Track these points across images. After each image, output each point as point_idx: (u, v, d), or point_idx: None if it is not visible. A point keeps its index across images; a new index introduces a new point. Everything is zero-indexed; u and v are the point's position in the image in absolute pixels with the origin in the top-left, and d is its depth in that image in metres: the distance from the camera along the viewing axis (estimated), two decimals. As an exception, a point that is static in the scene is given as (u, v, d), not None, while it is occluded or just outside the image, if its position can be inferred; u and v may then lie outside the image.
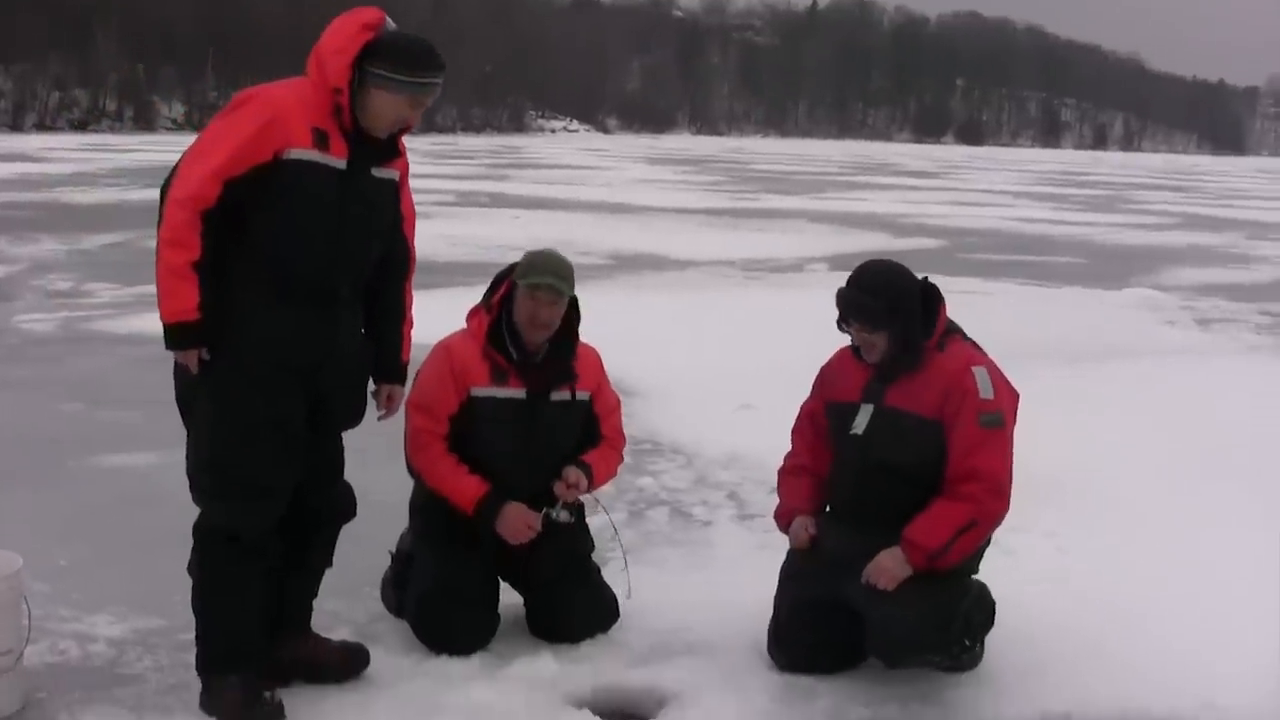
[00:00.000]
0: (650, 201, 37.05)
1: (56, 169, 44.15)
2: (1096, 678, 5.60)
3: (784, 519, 5.88)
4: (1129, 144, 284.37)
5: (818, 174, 63.79)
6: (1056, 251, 26.51)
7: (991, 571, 5.90)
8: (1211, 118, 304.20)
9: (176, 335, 4.79)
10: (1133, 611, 6.33)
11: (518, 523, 5.71)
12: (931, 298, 5.56)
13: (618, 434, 6.11)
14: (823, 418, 5.80)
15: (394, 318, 5.37)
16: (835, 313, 5.55)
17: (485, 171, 51.70)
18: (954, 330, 5.61)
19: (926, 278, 5.68)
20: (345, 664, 5.43)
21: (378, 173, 5.03)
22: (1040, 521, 7.68)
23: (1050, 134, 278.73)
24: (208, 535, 5.03)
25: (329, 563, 5.51)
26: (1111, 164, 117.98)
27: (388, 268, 5.27)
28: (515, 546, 5.77)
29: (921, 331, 5.48)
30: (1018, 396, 5.61)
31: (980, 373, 5.43)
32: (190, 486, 5.07)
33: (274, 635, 5.26)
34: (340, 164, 4.89)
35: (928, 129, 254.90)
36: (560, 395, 5.84)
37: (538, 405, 5.79)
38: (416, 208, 5.43)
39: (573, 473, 5.81)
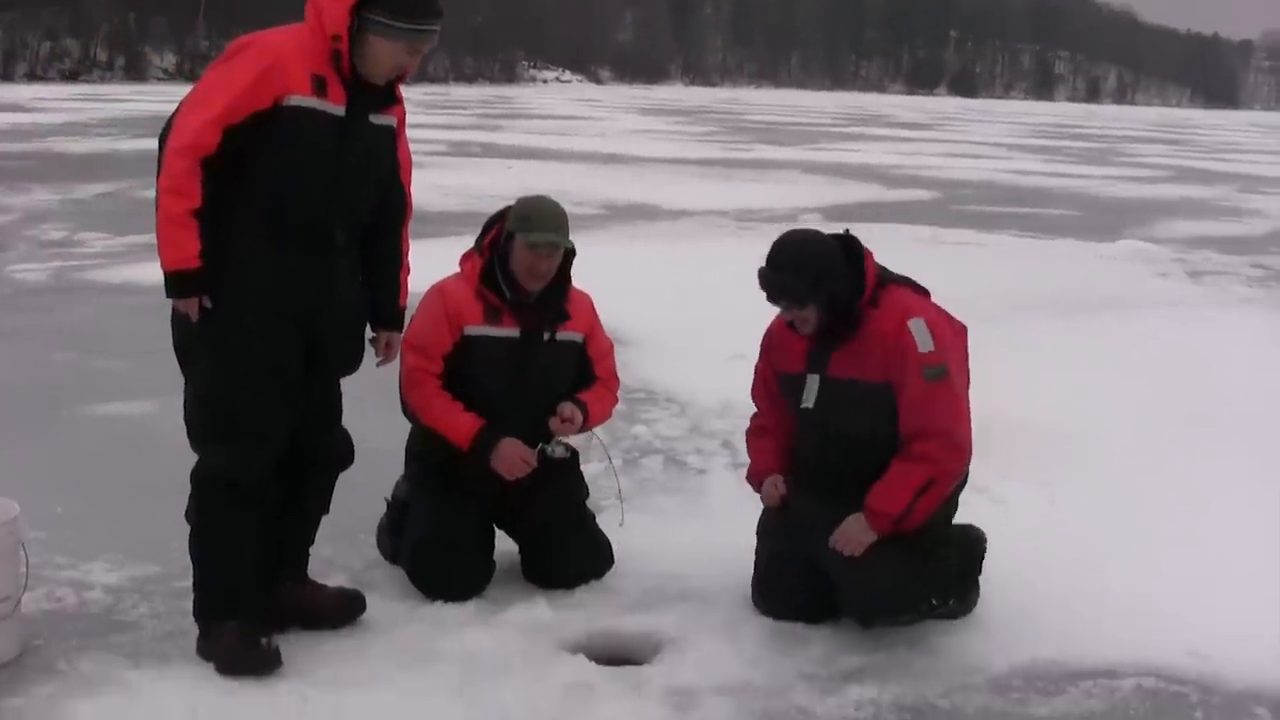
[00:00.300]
0: (643, 152, 36.95)
1: (48, 119, 43.96)
2: (1087, 626, 5.62)
3: (755, 479, 5.88)
4: (1122, 97, 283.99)
5: (811, 125, 63.61)
6: (1050, 204, 26.45)
7: (983, 521, 5.97)
8: (1205, 71, 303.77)
9: (177, 283, 4.80)
10: (1125, 560, 6.36)
11: (513, 457, 5.72)
12: (855, 253, 5.47)
13: (612, 376, 6.12)
14: (774, 384, 5.77)
15: (392, 265, 5.37)
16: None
17: (478, 122, 51.53)
18: (886, 279, 5.51)
19: (847, 230, 5.61)
20: (341, 610, 5.45)
21: (375, 119, 5.03)
22: (1032, 471, 7.73)
23: (1044, 87, 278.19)
24: (205, 481, 5.05)
25: (326, 510, 5.53)
26: (1105, 117, 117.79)
27: (385, 215, 5.28)
28: (510, 492, 5.79)
29: (851, 294, 5.39)
30: (963, 332, 5.56)
31: (917, 325, 5.33)
32: (188, 433, 5.09)
33: (271, 582, 5.29)
34: (339, 111, 4.89)
35: (921, 81, 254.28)
36: (553, 335, 5.85)
37: (531, 344, 5.80)
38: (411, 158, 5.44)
39: (568, 408, 5.83)
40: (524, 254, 5.67)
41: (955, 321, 5.56)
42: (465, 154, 32.90)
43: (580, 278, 5.93)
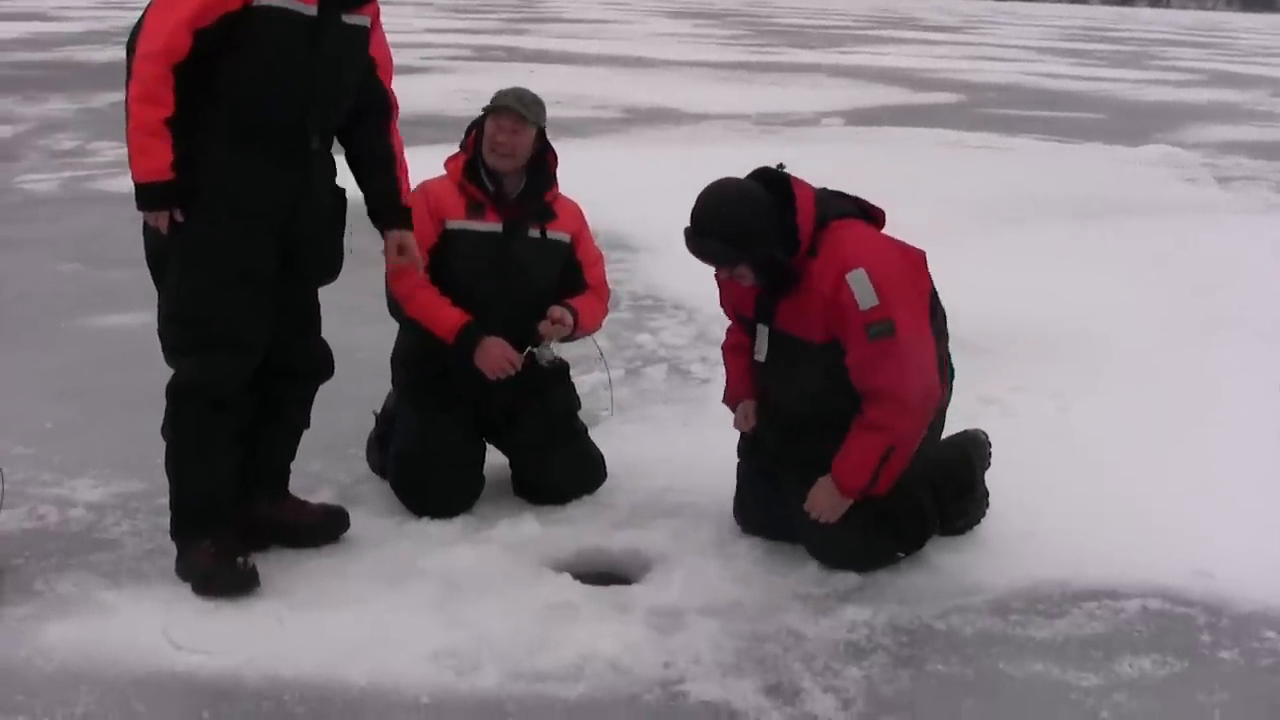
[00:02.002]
0: (668, 55, 36.60)
1: (69, 27, 43.71)
2: (1091, 545, 5.48)
3: (730, 401, 5.69)
4: (1157, 0, 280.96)
5: (839, 28, 63.00)
6: (1077, 107, 26.16)
7: (992, 433, 5.81)
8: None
9: (149, 195, 4.67)
10: (1134, 476, 6.21)
11: (499, 356, 5.57)
12: (787, 198, 5.12)
13: (602, 284, 5.99)
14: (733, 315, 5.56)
15: (386, 164, 5.21)
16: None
17: (503, 26, 51.11)
18: (827, 217, 5.13)
19: (781, 165, 5.25)
20: (324, 527, 5.35)
21: (348, 19, 4.86)
22: (1044, 381, 7.61)
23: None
24: (180, 394, 4.95)
25: (306, 423, 5.41)
26: (1139, 20, 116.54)
27: (368, 116, 5.12)
28: (497, 400, 5.69)
29: (783, 249, 5.06)
30: (920, 262, 5.21)
31: (856, 278, 4.94)
32: (161, 346, 5.00)
33: (250, 498, 5.19)
34: (310, 10, 4.72)
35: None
36: (541, 231, 5.74)
37: (514, 238, 5.68)
38: (432, 63, 5.33)
39: (557, 310, 5.69)
40: (489, 127, 5.63)
41: (909, 253, 5.21)
42: (489, 58, 32.57)
43: (595, 181, 5.81)
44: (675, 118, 21.34)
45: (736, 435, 5.71)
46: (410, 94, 7.06)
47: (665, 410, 7.18)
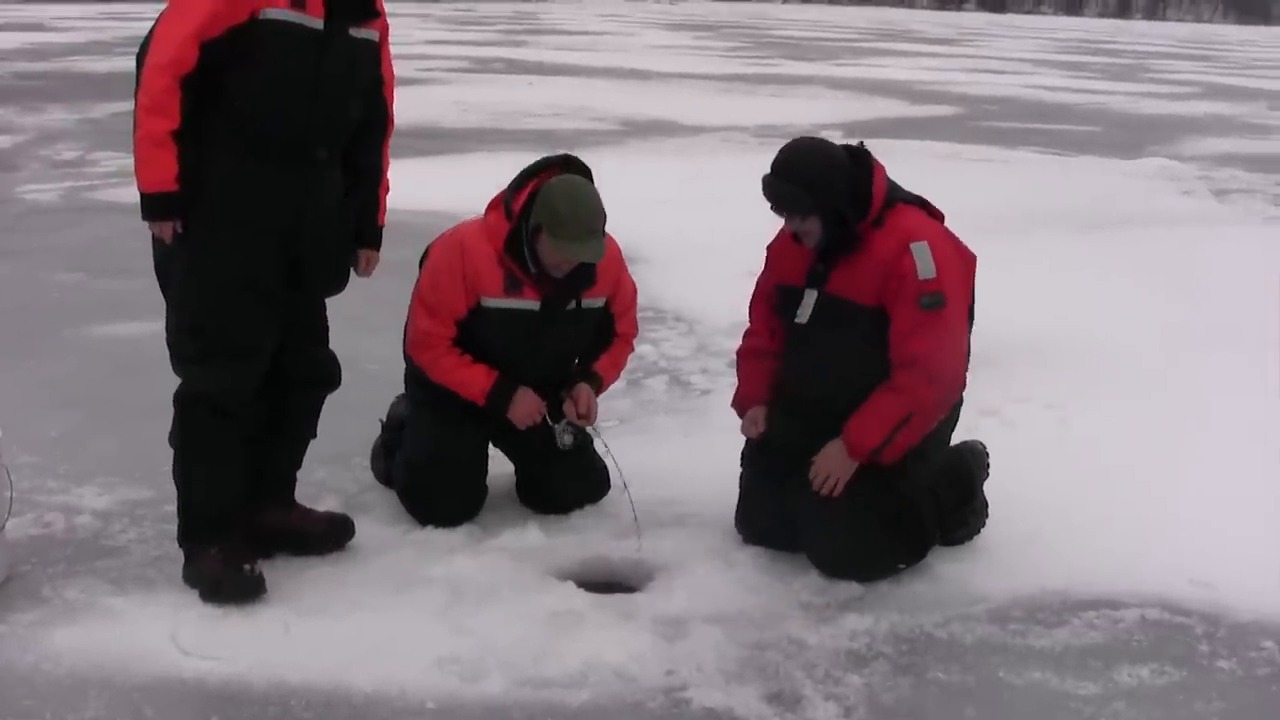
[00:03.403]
0: (667, 68, 36.68)
1: (70, 38, 43.78)
2: (1092, 553, 5.53)
3: (739, 405, 5.75)
4: (1153, 13, 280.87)
5: (837, 40, 63.09)
6: (1074, 120, 26.23)
7: (991, 445, 5.85)
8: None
9: (154, 206, 4.70)
10: (1133, 484, 6.25)
11: (530, 409, 5.60)
12: (865, 168, 5.26)
13: (632, 326, 5.99)
14: (774, 297, 5.61)
15: (371, 182, 5.24)
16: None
17: (501, 38, 51.21)
18: (896, 198, 5.30)
19: (861, 143, 5.41)
20: (330, 535, 5.39)
21: (356, 32, 4.89)
22: (1042, 391, 7.66)
23: (1073, 2, 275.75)
24: (188, 403, 4.98)
25: (313, 433, 5.45)
26: (1134, 33, 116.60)
27: (366, 131, 5.15)
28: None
29: (854, 211, 5.18)
30: (972, 261, 5.38)
31: (920, 249, 5.12)
32: (170, 355, 5.01)
33: (257, 506, 5.23)
34: (317, 24, 4.75)
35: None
36: (577, 303, 5.63)
37: (551, 315, 5.59)
38: (430, 74, 5.34)
39: (583, 397, 5.69)
40: (550, 253, 5.40)
41: (964, 249, 5.37)
42: (488, 70, 32.67)
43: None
44: (673, 129, 21.42)
45: (737, 446, 5.74)
46: (407, 105, 7.09)
47: (667, 420, 7.22)
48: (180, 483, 5.08)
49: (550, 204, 5.32)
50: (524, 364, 5.62)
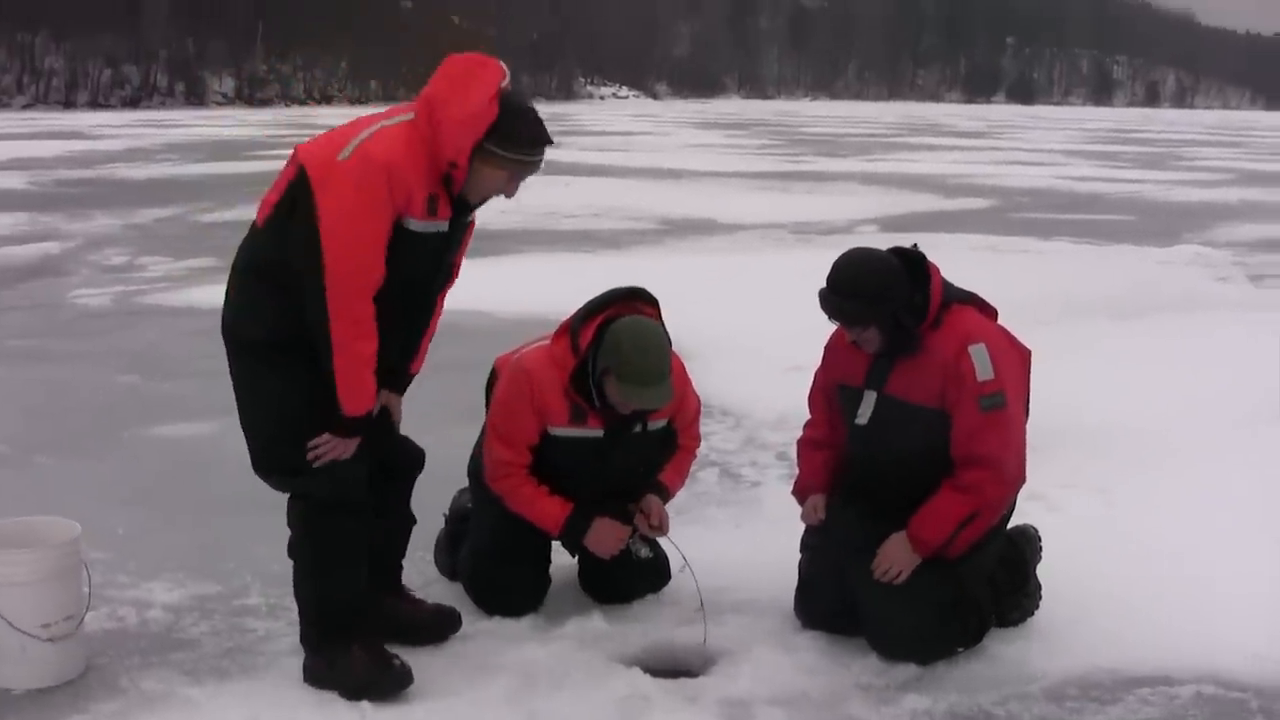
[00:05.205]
0: (700, 166, 37.01)
1: (109, 145, 44.41)
2: (1145, 632, 5.60)
3: (799, 494, 5.88)
4: (1181, 101, 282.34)
5: (868, 136, 63.53)
6: (1108, 209, 26.36)
7: (1041, 527, 5.94)
8: (1266, 72, 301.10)
9: (356, 428, 4.87)
10: (1182, 563, 6.33)
11: (608, 539, 5.71)
12: (921, 271, 5.36)
13: (695, 439, 6.09)
14: (833, 393, 5.73)
15: (421, 328, 5.36)
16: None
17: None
18: (951, 298, 5.40)
19: (915, 245, 5.50)
20: (436, 625, 5.51)
21: (460, 222, 5.12)
22: (1090, 476, 7.72)
23: (1102, 92, 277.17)
24: (312, 509, 5.02)
25: (412, 517, 5.60)
26: (1164, 121, 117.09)
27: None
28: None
29: (912, 317, 5.29)
30: (1027, 357, 5.49)
31: (977, 351, 5.25)
32: (267, 471, 5.08)
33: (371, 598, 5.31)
34: (443, 227, 4.97)
35: (978, 88, 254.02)
36: (638, 427, 5.73)
37: (616, 440, 5.69)
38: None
39: (655, 510, 5.79)
40: (616, 396, 5.49)
41: (1020, 346, 5.49)
42: (523, 171, 32.86)
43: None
44: (711, 228, 21.60)
45: (789, 535, 5.85)
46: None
47: (719, 512, 7.32)
48: (312, 590, 5.13)
49: (619, 349, 5.39)
50: (591, 484, 5.71)
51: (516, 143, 4.89)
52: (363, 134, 4.81)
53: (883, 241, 5.55)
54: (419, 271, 4.99)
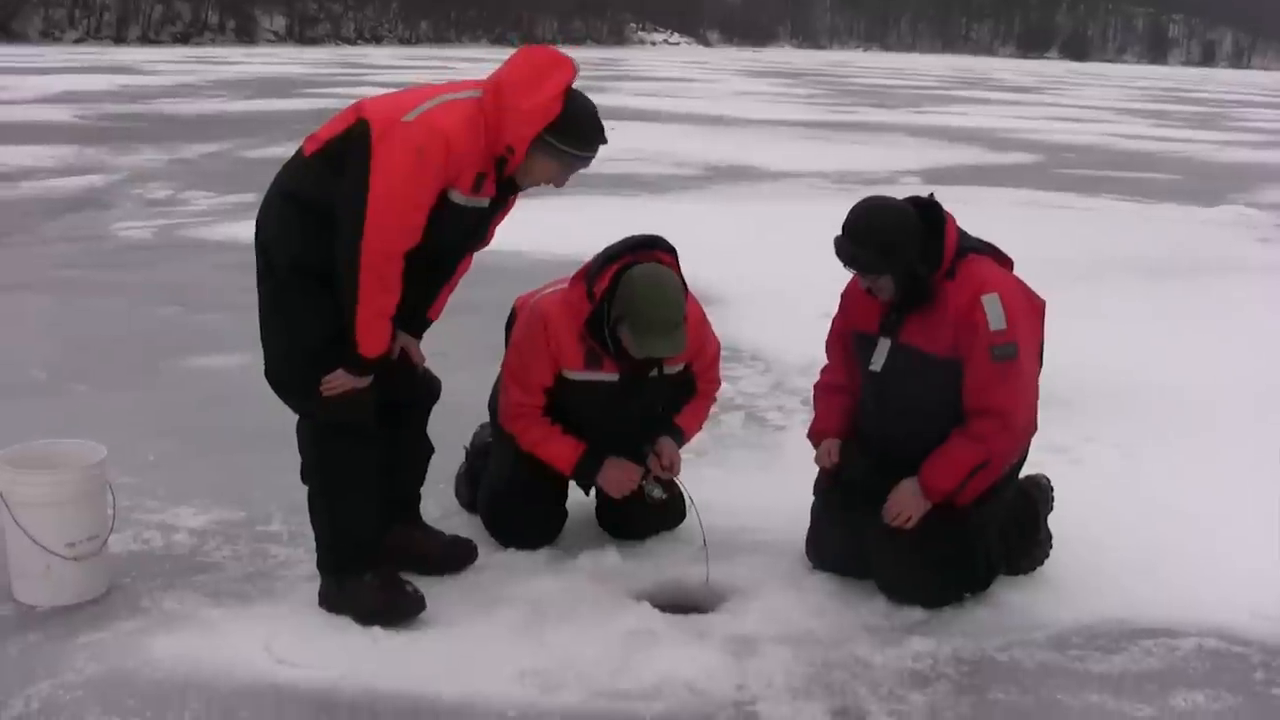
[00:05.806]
0: (748, 114, 36.98)
1: (159, 81, 44.60)
2: (1153, 585, 5.65)
3: (815, 437, 5.90)
4: (1239, 61, 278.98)
5: (918, 88, 63.21)
6: (1154, 168, 26.19)
7: (1059, 480, 5.99)
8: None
9: (368, 367, 4.94)
10: (1197, 522, 6.37)
11: (620, 479, 5.77)
12: (936, 220, 5.38)
13: (713, 382, 6.14)
14: (849, 340, 5.75)
15: (442, 283, 5.45)
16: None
17: (584, 85, 50.47)
18: (967, 248, 5.41)
19: (931, 195, 5.51)
20: (452, 556, 5.62)
21: (501, 200, 5.20)
22: (1112, 431, 7.76)
23: (1157, 50, 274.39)
24: (323, 434, 5.11)
25: (430, 446, 5.70)
26: (1219, 81, 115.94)
27: None
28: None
29: (926, 266, 5.30)
30: (1041, 308, 5.49)
31: (990, 301, 5.25)
32: (286, 391, 5.17)
33: (386, 527, 5.41)
34: (484, 204, 5.06)
35: (1032, 44, 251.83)
36: (655, 371, 5.77)
37: (631, 385, 5.74)
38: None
39: (667, 452, 5.85)
40: (630, 344, 5.52)
41: (1034, 297, 5.50)
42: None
43: (675, 236, 5.73)
44: (755, 175, 21.65)
45: (810, 479, 5.90)
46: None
47: (743, 455, 7.39)
48: (326, 514, 5.22)
49: (633, 299, 5.43)
50: (608, 427, 5.78)
51: (575, 139, 5.02)
52: (430, 102, 4.91)
53: (925, 192, 5.55)
54: (452, 240, 5.09)
